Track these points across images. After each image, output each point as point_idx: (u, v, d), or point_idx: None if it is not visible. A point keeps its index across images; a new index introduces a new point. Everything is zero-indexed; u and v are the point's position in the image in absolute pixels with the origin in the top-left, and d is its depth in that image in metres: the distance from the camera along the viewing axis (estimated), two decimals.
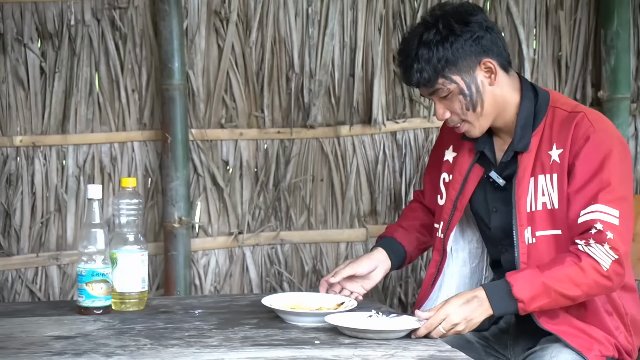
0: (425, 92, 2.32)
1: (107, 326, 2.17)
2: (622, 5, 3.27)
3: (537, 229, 2.28)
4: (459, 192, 2.41)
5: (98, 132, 3.21)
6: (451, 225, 2.42)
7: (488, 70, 2.29)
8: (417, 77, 2.27)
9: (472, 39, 2.27)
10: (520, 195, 2.30)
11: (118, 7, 3.18)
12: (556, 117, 2.32)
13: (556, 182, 2.27)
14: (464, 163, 2.42)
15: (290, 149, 3.29)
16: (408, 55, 2.29)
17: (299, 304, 2.32)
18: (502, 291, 2.20)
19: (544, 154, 2.30)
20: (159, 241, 3.24)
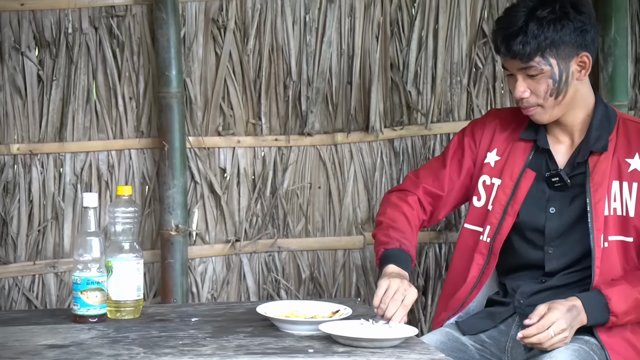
0: (516, 65, 2.33)
1: (102, 335, 2.17)
2: (620, 13, 3.27)
3: (610, 233, 2.33)
4: (510, 197, 2.41)
5: (95, 140, 3.22)
6: (502, 230, 2.42)
7: (582, 64, 2.34)
8: (519, 48, 2.29)
9: (580, 29, 2.32)
10: (598, 199, 2.32)
11: (115, 15, 3.18)
12: (629, 127, 2.38)
13: (636, 191, 2.32)
14: (515, 166, 2.43)
15: (287, 157, 3.30)
16: (514, 24, 2.30)
17: (295, 312, 2.32)
18: (598, 303, 2.25)
19: (621, 161, 2.34)
20: (156, 249, 3.24)
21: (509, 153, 2.45)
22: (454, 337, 2.42)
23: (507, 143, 2.46)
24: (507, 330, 2.43)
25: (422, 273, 3.35)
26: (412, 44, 3.28)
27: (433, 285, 3.34)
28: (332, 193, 3.32)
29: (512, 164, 2.43)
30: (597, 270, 2.30)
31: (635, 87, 3.38)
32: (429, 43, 3.29)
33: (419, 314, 3.34)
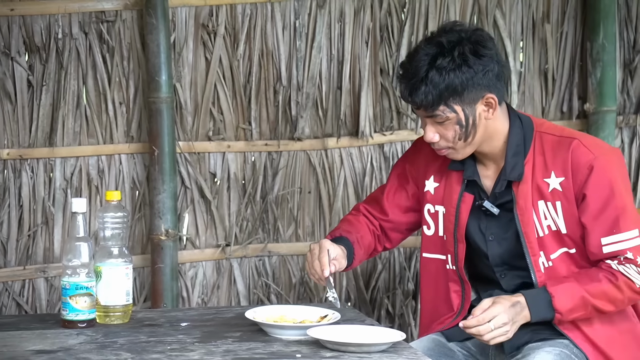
0: (422, 113, 2.33)
1: (90, 340, 2.17)
2: (608, 19, 3.29)
3: (550, 252, 2.33)
4: (455, 225, 2.42)
5: (85, 145, 3.22)
6: (459, 257, 2.43)
7: (488, 105, 2.32)
8: (422, 99, 2.28)
9: (482, 73, 2.29)
10: (526, 224, 2.33)
11: (105, 21, 3.19)
12: (545, 142, 2.35)
13: (561, 209, 2.32)
14: (452, 193, 2.43)
15: (277, 161, 3.30)
16: (416, 74, 2.28)
17: (284, 317, 2.32)
18: (542, 300, 2.27)
19: (540, 181, 2.32)
20: (146, 253, 3.25)
21: (446, 181, 2.45)
22: (440, 343, 2.43)
23: (442, 170, 2.46)
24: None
25: (412, 277, 3.36)
26: (402, 49, 3.29)
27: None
28: (322, 198, 3.33)
29: (450, 192, 2.44)
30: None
31: (624, 93, 3.39)
32: None
33: (408, 319, 3.34)
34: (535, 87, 3.37)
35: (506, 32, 3.33)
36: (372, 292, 3.35)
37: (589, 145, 2.31)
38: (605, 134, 3.30)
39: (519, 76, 3.35)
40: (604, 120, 3.31)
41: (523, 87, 3.36)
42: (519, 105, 3.34)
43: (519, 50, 3.37)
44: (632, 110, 3.39)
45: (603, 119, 3.31)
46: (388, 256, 3.34)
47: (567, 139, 2.33)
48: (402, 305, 3.35)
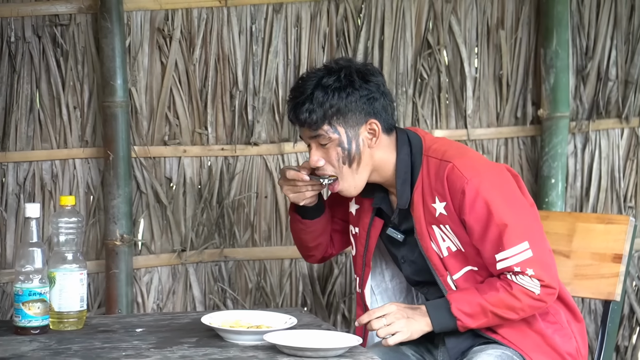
0: (307, 134, 2.36)
1: (43, 347, 2.15)
2: (561, 25, 3.33)
3: (453, 272, 2.38)
4: (365, 248, 2.49)
5: (39, 150, 3.18)
6: (364, 281, 2.51)
7: (372, 131, 2.36)
8: (305, 117, 2.32)
9: (367, 97, 2.34)
10: (426, 248, 2.38)
11: (59, 24, 3.16)
12: (430, 166, 2.38)
13: (451, 231, 2.36)
14: (364, 218, 2.50)
15: (234, 166, 3.30)
16: (302, 93, 2.34)
17: (239, 322, 2.32)
18: (441, 308, 2.32)
19: (429, 207, 2.36)
20: (100, 259, 3.22)
21: (361, 203, 2.50)
22: (394, 348, 2.44)
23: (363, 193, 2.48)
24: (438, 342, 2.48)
25: None
26: (358, 54, 3.30)
27: None
28: (279, 202, 3.32)
29: (363, 215, 2.49)
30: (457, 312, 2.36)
31: (577, 99, 3.43)
32: (375, 53, 3.31)
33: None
34: (490, 92, 3.41)
35: (461, 37, 3.36)
36: (329, 296, 3.35)
37: (462, 169, 2.32)
38: (559, 139, 3.34)
39: (474, 82, 3.38)
40: (557, 126, 3.35)
41: (478, 93, 3.39)
42: (474, 110, 3.38)
43: (474, 56, 3.40)
44: (585, 116, 3.44)
45: (556, 125, 3.35)
46: (344, 261, 3.35)
47: (444, 163, 2.34)
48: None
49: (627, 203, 3.48)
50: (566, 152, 3.37)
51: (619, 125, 3.46)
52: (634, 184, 3.48)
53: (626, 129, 3.47)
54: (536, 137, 3.42)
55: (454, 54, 3.37)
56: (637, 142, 3.47)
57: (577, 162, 3.46)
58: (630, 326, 3.50)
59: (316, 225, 2.57)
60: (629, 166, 3.48)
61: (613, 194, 3.47)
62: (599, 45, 3.42)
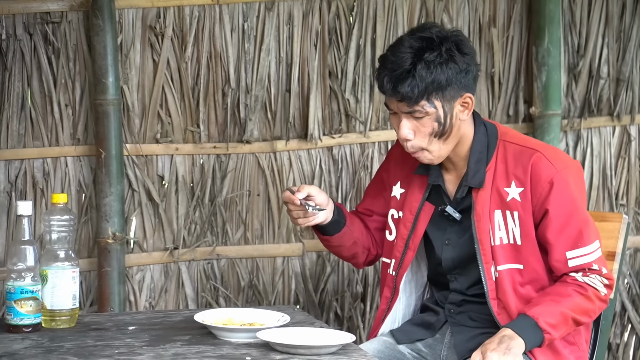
0: (400, 106, 2.30)
1: (36, 344, 2.14)
2: (553, 24, 3.34)
3: (500, 263, 2.34)
4: (411, 231, 2.43)
5: (30, 148, 3.17)
6: (404, 265, 2.45)
7: (465, 105, 2.33)
8: (407, 92, 2.26)
9: (464, 71, 2.30)
10: (482, 230, 2.34)
11: (51, 22, 3.15)
12: (508, 151, 2.36)
13: (517, 219, 2.33)
14: (414, 201, 2.44)
15: (226, 164, 3.29)
16: (400, 66, 2.26)
17: (232, 319, 2.31)
18: (528, 325, 2.26)
19: (500, 190, 2.33)
20: (93, 257, 3.21)
21: (409, 186, 2.46)
22: (391, 346, 2.44)
23: (407, 175, 2.47)
24: (442, 338, 2.47)
25: (361, 280, 3.37)
26: (351, 52, 3.30)
27: (372, 292, 3.36)
28: (271, 200, 3.32)
29: (412, 198, 2.44)
30: (493, 302, 2.34)
31: (568, 97, 3.44)
32: (367, 51, 3.31)
33: (357, 321, 3.35)
34: (482, 90, 3.41)
35: None
36: (321, 295, 3.35)
37: (551, 159, 2.32)
38: (551, 137, 3.34)
39: None
40: (549, 124, 3.36)
41: None
42: None
43: None
44: (577, 114, 3.45)
45: (548, 123, 3.36)
46: (337, 259, 3.35)
47: (529, 150, 2.34)
48: (351, 307, 3.36)
49: (619, 201, 3.49)
50: None
51: (610, 123, 3.47)
52: (625, 182, 3.49)
53: (618, 127, 3.48)
54: (528, 135, 3.42)
55: None
56: (628, 139, 3.48)
57: None
58: (622, 324, 3.51)
59: (340, 239, 2.53)
60: (621, 164, 3.49)
61: (605, 192, 3.48)
62: (590, 43, 3.43)
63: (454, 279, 2.44)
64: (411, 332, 2.47)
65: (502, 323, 2.33)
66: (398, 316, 2.51)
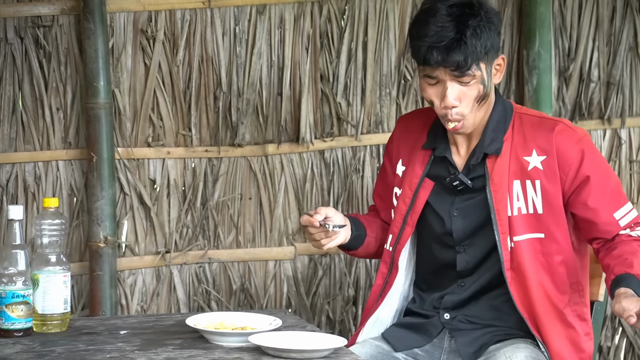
0: (449, 75, 2.28)
1: (27, 349, 2.14)
2: (544, 27, 3.35)
3: (515, 234, 2.33)
4: (409, 207, 2.43)
5: (22, 151, 3.17)
6: (401, 240, 2.44)
7: (498, 67, 2.36)
8: (460, 60, 2.25)
9: (498, 33, 2.34)
10: (499, 200, 2.33)
11: (42, 26, 3.15)
12: (524, 123, 2.37)
13: (539, 188, 2.33)
14: (413, 177, 2.44)
15: (218, 168, 3.29)
16: (447, 36, 2.25)
17: (224, 323, 2.31)
18: (637, 284, 2.24)
19: (520, 159, 2.34)
20: (84, 261, 3.21)
21: (409, 162, 2.46)
22: (384, 351, 2.42)
23: (410, 151, 2.47)
24: (440, 343, 2.44)
25: (353, 283, 3.37)
26: (342, 55, 3.31)
27: (364, 295, 3.36)
28: (263, 204, 3.32)
29: (412, 174, 2.44)
30: (507, 273, 2.33)
31: (559, 100, 3.45)
32: (359, 55, 3.32)
33: (349, 324, 3.36)
34: None
35: None
36: (313, 298, 3.36)
37: (573, 127, 2.37)
38: None
39: None
40: None
41: None
42: None
43: None
44: (568, 117, 3.46)
45: None
46: (329, 262, 3.35)
47: (550, 121, 2.38)
48: (343, 311, 3.36)
49: None
50: None
51: (601, 127, 3.48)
52: None
53: (608, 130, 3.49)
54: None
55: None
56: (619, 143, 3.49)
57: None
58: (613, 327, 3.52)
59: (365, 250, 2.53)
60: (611, 167, 3.50)
61: None
62: (581, 46, 3.44)
63: (463, 250, 2.41)
64: (407, 339, 2.44)
65: (514, 294, 2.32)
66: (395, 294, 2.47)
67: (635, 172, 3.50)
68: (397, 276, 2.46)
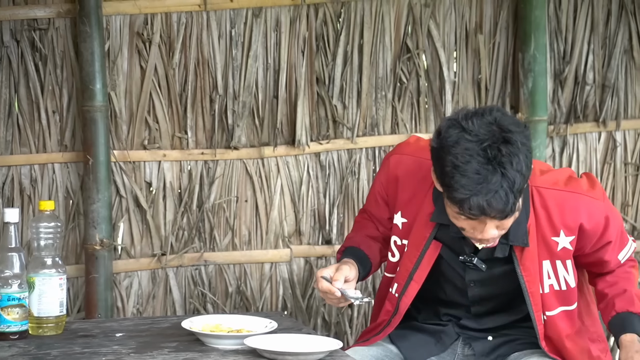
0: (494, 221, 2.12)
1: (23, 352, 2.14)
2: (539, 30, 3.36)
3: (548, 309, 2.32)
4: (415, 267, 2.34)
5: (18, 154, 3.17)
6: (407, 293, 2.36)
7: None
8: (509, 210, 2.08)
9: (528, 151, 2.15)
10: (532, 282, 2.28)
11: (38, 29, 3.15)
12: (546, 199, 2.26)
13: (571, 266, 2.31)
14: (420, 237, 2.32)
15: (214, 170, 3.29)
16: (493, 188, 2.05)
17: (220, 326, 2.32)
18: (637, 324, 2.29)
19: (548, 241, 2.26)
20: (80, 263, 3.21)
21: (415, 218, 2.32)
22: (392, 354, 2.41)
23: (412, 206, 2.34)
24: (454, 349, 2.43)
25: None
26: (338, 58, 3.31)
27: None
28: (259, 206, 3.33)
29: (418, 234, 2.32)
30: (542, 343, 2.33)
31: (555, 103, 3.46)
32: (354, 58, 3.32)
33: (344, 327, 3.36)
34: (469, 96, 3.42)
35: (440, 42, 3.37)
36: (309, 300, 3.36)
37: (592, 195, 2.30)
38: (537, 143, 3.36)
39: (453, 86, 3.40)
40: (536, 130, 3.37)
41: (457, 97, 3.41)
42: None
43: (453, 60, 3.42)
44: (563, 120, 3.47)
45: (535, 129, 3.37)
46: (325, 264, 3.35)
47: (573, 195, 2.26)
48: (338, 313, 3.36)
49: None
50: (544, 156, 3.39)
51: (596, 129, 3.49)
52: (611, 187, 3.51)
53: (603, 133, 3.50)
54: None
55: (433, 58, 3.38)
56: (614, 145, 3.50)
57: (555, 166, 3.48)
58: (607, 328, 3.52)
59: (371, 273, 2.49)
60: (606, 169, 3.50)
61: None
62: (576, 49, 3.44)
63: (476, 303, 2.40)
64: (420, 347, 2.41)
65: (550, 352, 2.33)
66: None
67: (630, 175, 3.51)
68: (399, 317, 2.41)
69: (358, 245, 2.45)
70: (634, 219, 3.50)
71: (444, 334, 2.43)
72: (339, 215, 3.35)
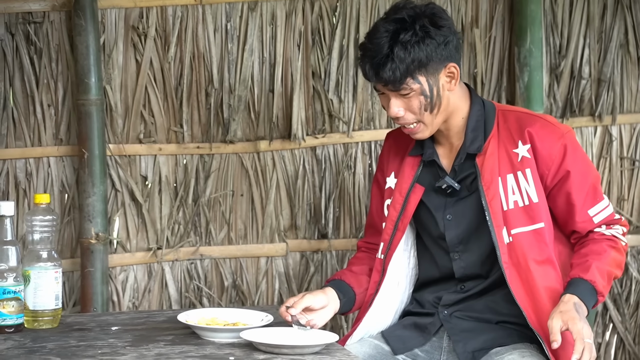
0: (388, 88, 2.34)
1: (18, 345, 2.14)
2: (535, 24, 3.36)
3: (512, 227, 2.34)
4: (400, 213, 2.43)
5: (13, 148, 3.17)
6: (392, 246, 2.44)
7: (450, 74, 2.36)
8: (389, 75, 2.30)
9: (443, 44, 2.34)
10: (492, 196, 2.34)
11: (33, 22, 3.14)
12: (509, 118, 2.42)
13: (531, 176, 2.36)
14: (404, 183, 2.45)
15: (209, 164, 3.29)
16: (379, 52, 2.30)
17: (216, 319, 2.32)
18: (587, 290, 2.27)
19: (509, 153, 2.37)
20: (75, 257, 3.20)
21: (399, 172, 2.48)
22: (383, 351, 2.42)
23: (400, 162, 2.50)
24: (439, 343, 2.44)
25: None
26: (334, 52, 3.31)
27: None
28: (255, 200, 3.32)
29: (402, 181, 2.46)
30: (505, 266, 2.32)
31: (550, 97, 3.46)
32: (350, 52, 3.32)
33: (340, 320, 3.36)
34: None
35: None
36: None
37: (557, 123, 2.41)
38: None
39: None
40: None
41: None
42: None
43: None
44: (559, 114, 3.47)
45: None
46: (320, 259, 3.35)
47: (532, 116, 2.42)
48: None
49: None
50: None
51: (592, 124, 3.49)
52: (607, 182, 3.51)
53: (599, 127, 3.50)
54: None
55: None
56: (610, 140, 3.50)
57: None
58: (603, 323, 3.53)
59: (358, 307, 2.49)
60: (602, 164, 3.51)
61: None
62: (572, 43, 3.45)
63: (458, 256, 2.42)
64: (405, 339, 2.43)
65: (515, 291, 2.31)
66: (384, 304, 2.46)
67: (626, 169, 3.51)
68: (389, 282, 2.45)
69: (340, 276, 2.51)
70: (629, 214, 3.51)
71: (428, 323, 2.44)
72: (335, 210, 3.34)
